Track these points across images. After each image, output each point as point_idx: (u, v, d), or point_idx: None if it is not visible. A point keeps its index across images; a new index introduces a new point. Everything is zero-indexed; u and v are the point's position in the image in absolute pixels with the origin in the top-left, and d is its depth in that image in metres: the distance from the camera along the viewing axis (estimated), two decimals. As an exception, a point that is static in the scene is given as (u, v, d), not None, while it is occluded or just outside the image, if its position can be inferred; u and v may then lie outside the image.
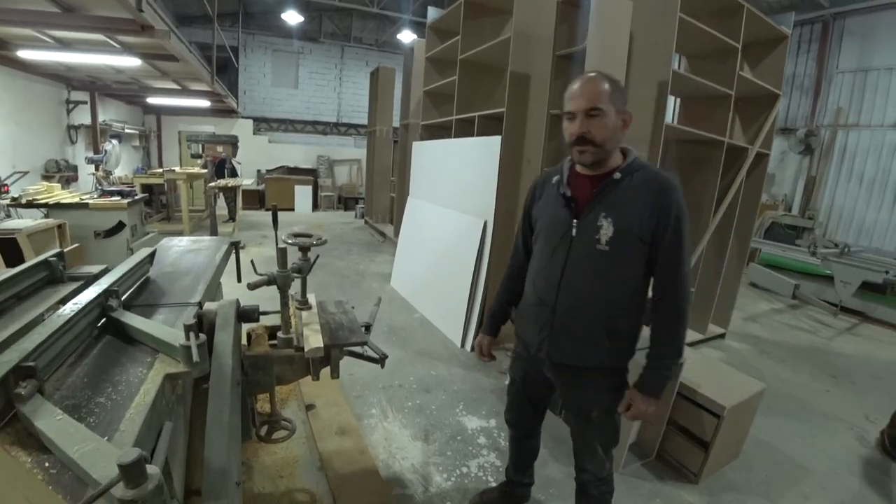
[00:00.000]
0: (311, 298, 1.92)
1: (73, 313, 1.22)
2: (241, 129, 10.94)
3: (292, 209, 10.71)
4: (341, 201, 11.85)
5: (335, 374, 1.73)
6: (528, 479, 1.95)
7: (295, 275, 1.65)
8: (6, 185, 3.64)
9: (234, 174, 8.34)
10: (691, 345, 3.62)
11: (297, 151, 11.71)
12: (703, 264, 3.51)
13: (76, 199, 4.57)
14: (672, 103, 4.39)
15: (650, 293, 1.39)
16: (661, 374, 1.34)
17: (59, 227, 4.03)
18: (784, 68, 3.58)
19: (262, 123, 11.80)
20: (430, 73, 4.86)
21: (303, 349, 1.57)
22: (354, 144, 12.39)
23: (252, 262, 2.34)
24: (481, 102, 3.97)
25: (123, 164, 8.62)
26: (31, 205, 4.23)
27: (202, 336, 1.21)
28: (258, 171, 11.14)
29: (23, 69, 5.08)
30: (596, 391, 1.43)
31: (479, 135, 3.75)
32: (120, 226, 4.89)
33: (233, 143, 8.36)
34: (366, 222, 9.20)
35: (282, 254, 1.58)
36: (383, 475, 2.12)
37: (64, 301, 1.49)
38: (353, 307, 1.97)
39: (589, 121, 1.26)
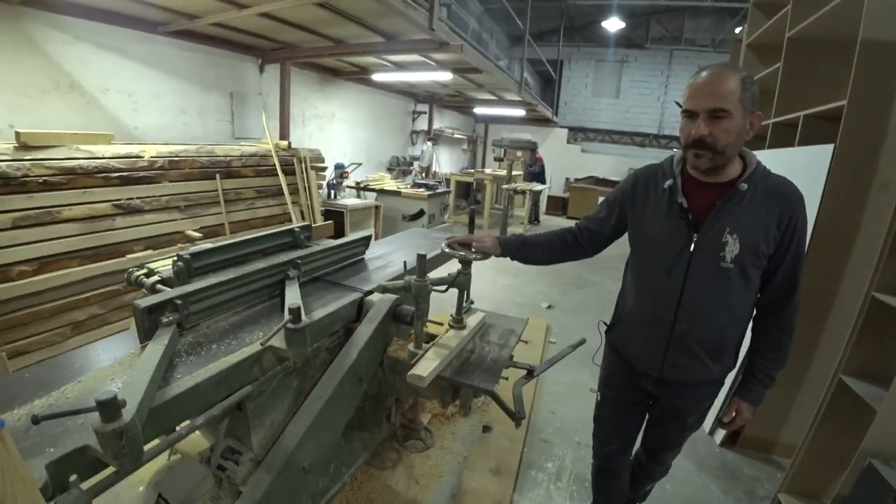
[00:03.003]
0: (473, 319, 1.73)
1: (239, 273, 1.46)
2: (556, 137, 11.50)
3: (591, 219, 10.54)
4: (645, 216, 10.91)
5: (463, 411, 1.54)
6: None
7: (435, 287, 1.52)
8: (346, 171, 4.95)
9: (536, 179, 8.82)
10: None
11: (608, 162, 11.39)
12: None
13: (394, 188, 5.86)
14: None
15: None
16: (766, 385, 1.34)
17: (377, 207, 5.22)
18: None
19: (579, 133, 12.03)
20: (749, 65, 3.72)
21: (416, 367, 1.44)
22: (673, 159, 11.15)
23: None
24: (811, 97, 2.72)
25: (450, 163, 10.51)
26: (365, 188, 5.70)
27: (305, 320, 1.24)
28: (566, 178, 11.48)
29: (380, 88, 6.83)
30: (700, 399, 1.44)
31: (800, 144, 2.59)
32: (420, 213, 5.98)
33: (531, 148, 8.88)
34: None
35: (420, 261, 1.48)
36: (510, 544, 1.79)
37: (289, 263, 1.71)
38: (518, 341, 1.70)
39: (712, 123, 1.12)
